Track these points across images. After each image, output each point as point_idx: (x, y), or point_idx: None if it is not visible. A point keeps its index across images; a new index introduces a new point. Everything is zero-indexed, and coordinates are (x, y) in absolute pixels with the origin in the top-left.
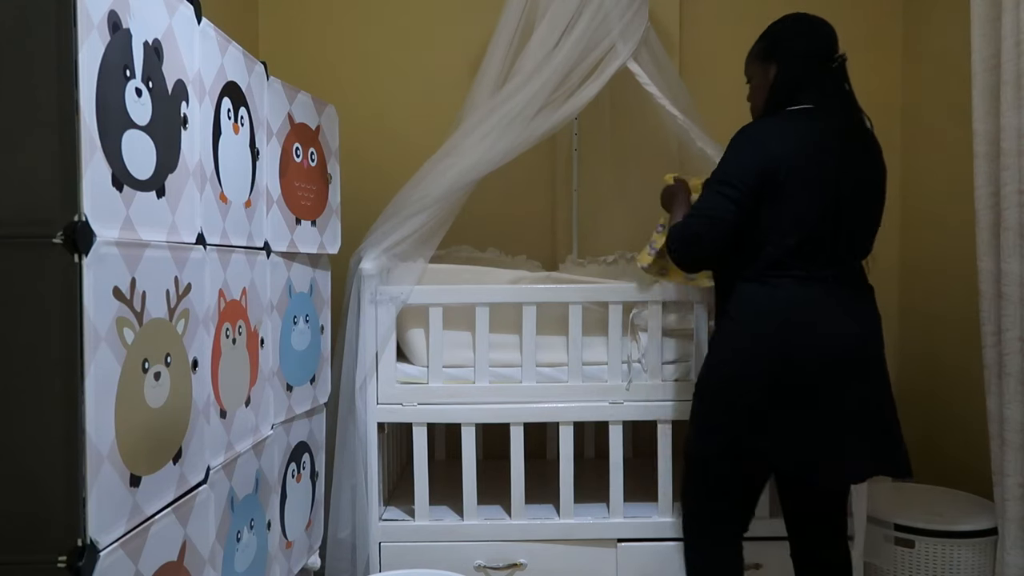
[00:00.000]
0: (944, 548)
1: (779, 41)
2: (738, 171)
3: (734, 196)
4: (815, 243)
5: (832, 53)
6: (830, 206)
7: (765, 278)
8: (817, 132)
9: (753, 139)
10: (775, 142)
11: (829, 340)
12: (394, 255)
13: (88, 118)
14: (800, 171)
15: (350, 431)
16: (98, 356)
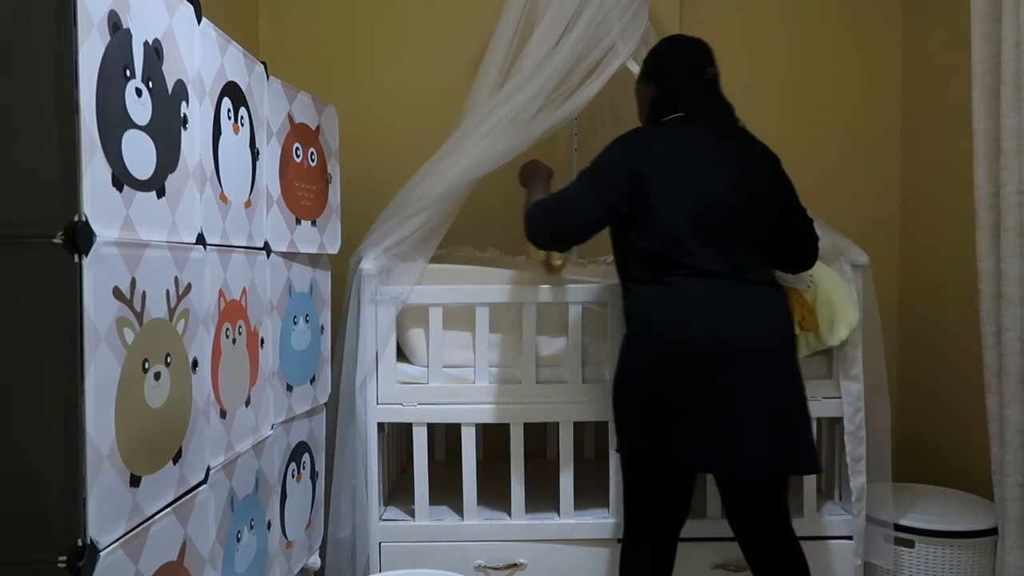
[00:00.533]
0: (944, 548)
1: (653, 63)
2: (605, 169)
3: (598, 187)
4: (692, 243)
5: (703, 68)
6: (702, 207)
7: (650, 278)
8: (684, 139)
9: (623, 143)
10: (643, 148)
11: (712, 336)
12: (394, 255)
13: (88, 118)
14: (667, 174)
15: (350, 431)
16: (98, 356)
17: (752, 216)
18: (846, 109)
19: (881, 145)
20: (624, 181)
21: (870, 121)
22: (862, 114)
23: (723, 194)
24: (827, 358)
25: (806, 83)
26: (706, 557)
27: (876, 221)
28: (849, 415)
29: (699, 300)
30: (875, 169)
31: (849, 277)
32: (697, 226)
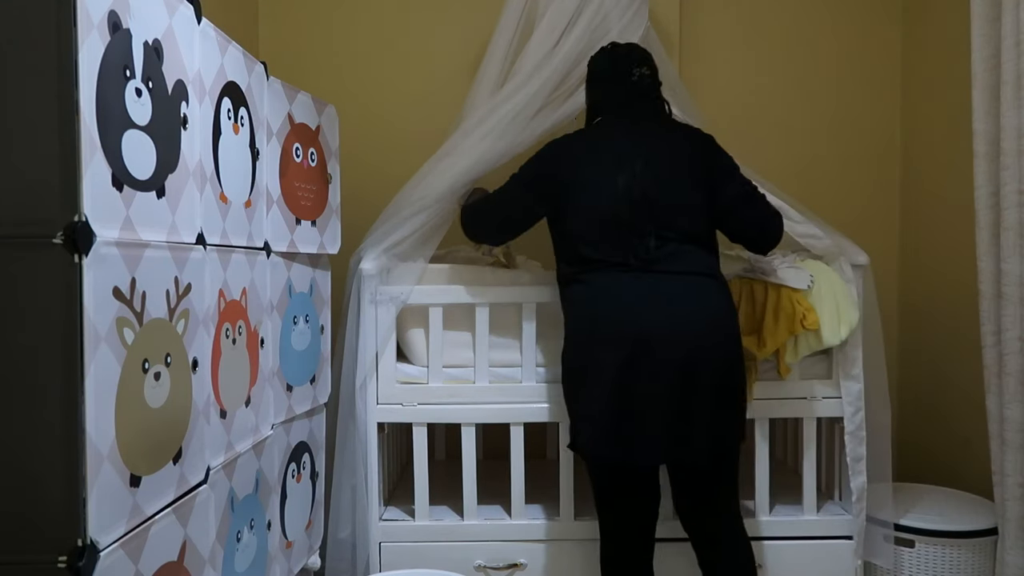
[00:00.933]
0: (944, 548)
1: (589, 72)
2: (527, 173)
3: (517, 190)
4: (606, 239)
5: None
6: (615, 203)
7: (581, 274)
8: (599, 138)
9: (547, 148)
10: (561, 151)
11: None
12: (394, 255)
13: (88, 118)
14: (581, 174)
15: (350, 431)
16: (98, 356)
17: (672, 206)
18: (846, 109)
19: (881, 145)
20: (542, 184)
21: (870, 121)
22: (862, 114)
23: (636, 188)
24: (827, 358)
25: (806, 83)
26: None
27: (876, 221)
28: (849, 415)
29: (611, 295)
30: (875, 169)
31: (849, 277)
32: (611, 222)
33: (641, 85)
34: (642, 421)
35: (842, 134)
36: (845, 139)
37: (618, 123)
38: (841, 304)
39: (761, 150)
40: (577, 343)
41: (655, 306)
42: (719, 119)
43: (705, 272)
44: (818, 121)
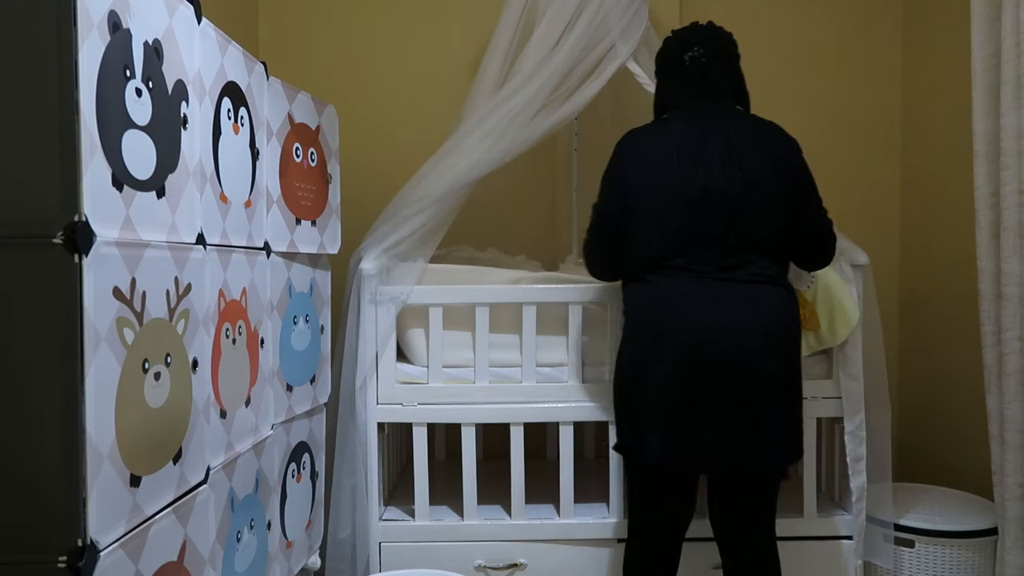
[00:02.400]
0: (944, 548)
1: (659, 56)
2: (605, 188)
3: (604, 213)
4: (682, 245)
5: (682, 54)
6: (683, 205)
7: (646, 277)
8: (669, 136)
9: (615, 153)
10: (629, 153)
11: (695, 334)
12: (394, 255)
13: (88, 118)
14: (651, 177)
15: (350, 431)
16: (98, 356)
17: (750, 212)
18: (846, 109)
19: (881, 145)
20: (616, 192)
21: (870, 121)
22: (862, 114)
23: (707, 189)
24: (827, 358)
25: (806, 83)
26: (706, 557)
27: (876, 221)
28: (849, 415)
29: (674, 299)
30: (875, 169)
31: (849, 277)
32: (679, 224)
33: (694, 69)
34: (712, 428)
35: (842, 134)
36: (845, 139)
37: (681, 117)
38: (841, 304)
39: None
40: (640, 346)
41: (723, 312)
42: None
43: (773, 280)
44: (818, 121)
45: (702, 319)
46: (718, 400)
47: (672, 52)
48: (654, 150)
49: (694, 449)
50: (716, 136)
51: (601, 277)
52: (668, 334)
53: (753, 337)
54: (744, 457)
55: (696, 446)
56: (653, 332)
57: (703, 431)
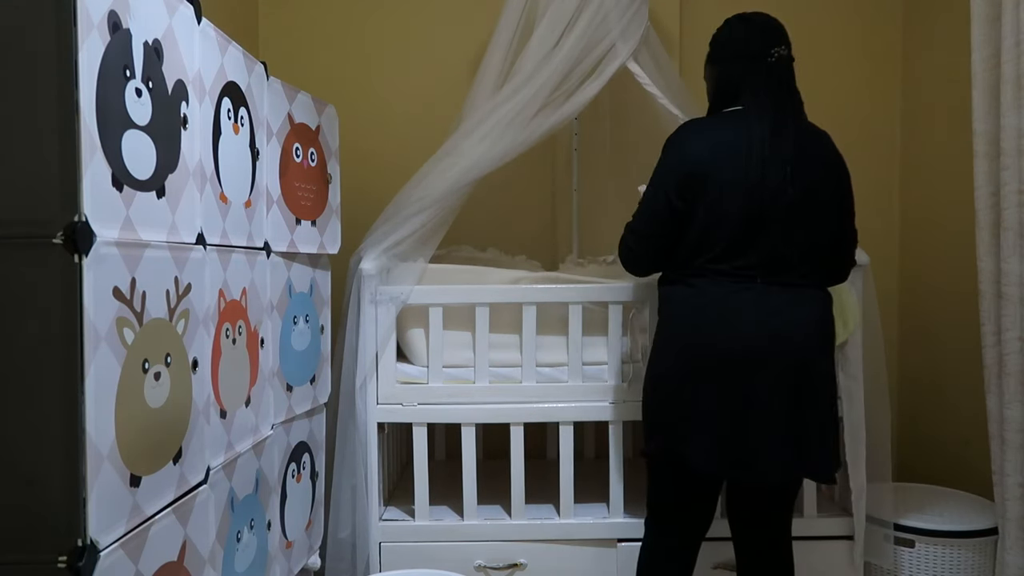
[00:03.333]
0: (944, 548)
1: (715, 45)
2: (661, 178)
3: (659, 205)
4: (739, 246)
5: (768, 50)
6: (753, 209)
7: (689, 279)
8: (739, 135)
9: (675, 144)
10: (694, 145)
11: (746, 340)
12: (394, 255)
13: (88, 118)
14: (718, 174)
15: (350, 431)
16: (98, 356)
17: (805, 217)
18: (846, 109)
19: (881, 145)
20: (675, 186)
21: (870, 121)
22: (862, 114)
23: (776, 194)
24: None
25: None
26: (706, 557)
27: (876, 221)
28: (849, 415)
29: (725, 304)
30: (875, 169)
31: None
32: (743, 227)
33: (779, 68)
34: (765, 436)
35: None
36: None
37: (754, 115)
38: (842, 304)
39: None
40: (681, 353)
41: (774, 317)
42: None
43: (818, 285)
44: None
45: (753, 324)
46: (770, 408)
47: (753, 43)
48: (732, 144)
49: (746, 458)
50: (789, 139)
51: (642, 270)
52: (718, 339)
53: (805, 343)
54: (798, 467)
55: (748, 455)
56: (701, 338)
57: (755, 440)
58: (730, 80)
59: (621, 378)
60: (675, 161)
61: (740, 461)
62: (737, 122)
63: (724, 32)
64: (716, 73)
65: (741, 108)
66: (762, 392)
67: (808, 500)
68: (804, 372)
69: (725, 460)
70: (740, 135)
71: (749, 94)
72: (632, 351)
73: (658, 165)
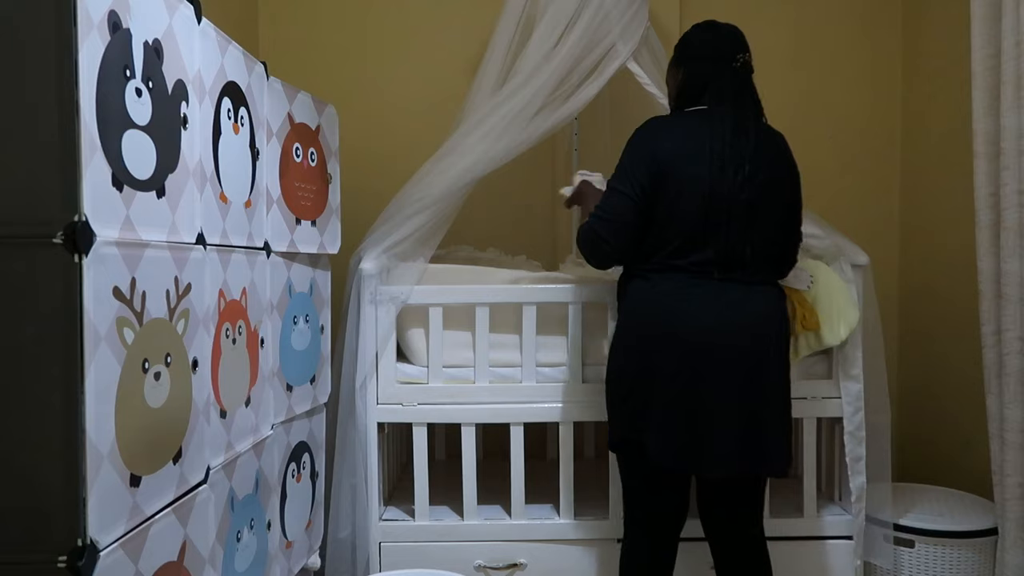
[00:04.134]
0: (944, 548)
1: (682, 47)
2: (631, 169)
3: (630, 194)
4: (696, 242)
5: (734, 55)
6: (712, 205)
7: (646, 274)
8: (703, 132)
9: (643, 137)
10: (660, 141)
11: (700, 334)
12: (394, 255)
13: (88, 118)
14: (681, 170)
15: (350, 431)
16: (98, 356)
17: (761, 216)
18: (846, 109)
19: (881, 145)
20: (644, 177)
21: (870, 121)
22: (862, 114)
23: (734, 192)
24: (827, 358)
25: (806, 83)
26: (704, 557)
27: (876, 221)
28: (849, 415)
29: (680, 297)
30: (875, 169)
31: (849, 277)
32: (702, 223)
33: (743, 73)
34: (719, 430)
35: (842, 134)
36: (845, 139)
37: (723, 114)
38: (841, 304)
39: None
40: (643, 345)
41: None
42: None
43: (770, 282)
44: (818, 121)
45: (709, 317)
46: (723, 401)
47: (722, 48)
48: (695, 141)
49: (698, 450)
50: (750, 140)
51: (609, 261)
52: (675, 333)
53: (758, 337)
54: (751, 460)
55: (700, 447)
56: (658, 330)
57: (707, 431)
58: (695, 81)
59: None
60: (643, 152)
61: (693, 452)
62: (700, 121)
63: (692, 35)
64: (681, 74)
65: (704, 108)
66: (715, 385)
67: (808, 500)
68: (757, 366)
69: (680, 451)
70: (703, 133)
71: (714, 95)
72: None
73: (625, 156)
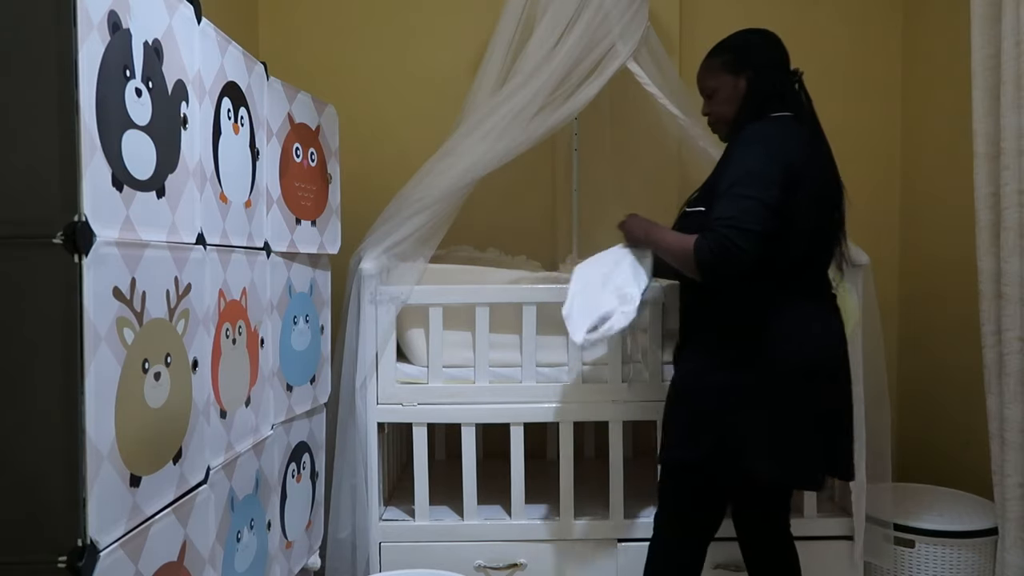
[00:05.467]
0: (944, 548)
1: (749, 52)
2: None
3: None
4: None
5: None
6: (833, 214)
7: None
8: (811, 138)
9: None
10: (791, 145)
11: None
12: (394, 255)
13: (88, 118)
14: (812, 178)
15: (350, 431)
16: (98, 356)
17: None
18: (846, 109)
19: (881, 145)
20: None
21: (870, 121)
22: (862, 114)
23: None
24: None
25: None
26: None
27: (876, 221)
28: None
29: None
30: (875, 169)
31: (849, 277)
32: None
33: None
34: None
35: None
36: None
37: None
38: (842, 304)
39: None
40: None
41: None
42: None
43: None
44: None
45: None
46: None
47: (784, 58)
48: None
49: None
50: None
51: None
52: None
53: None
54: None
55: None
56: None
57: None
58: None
59: (622, 378)
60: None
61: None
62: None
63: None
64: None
65: (791, 115)
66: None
67: (808, 500)
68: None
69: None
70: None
71: (794, 102)
72: (632, 351)
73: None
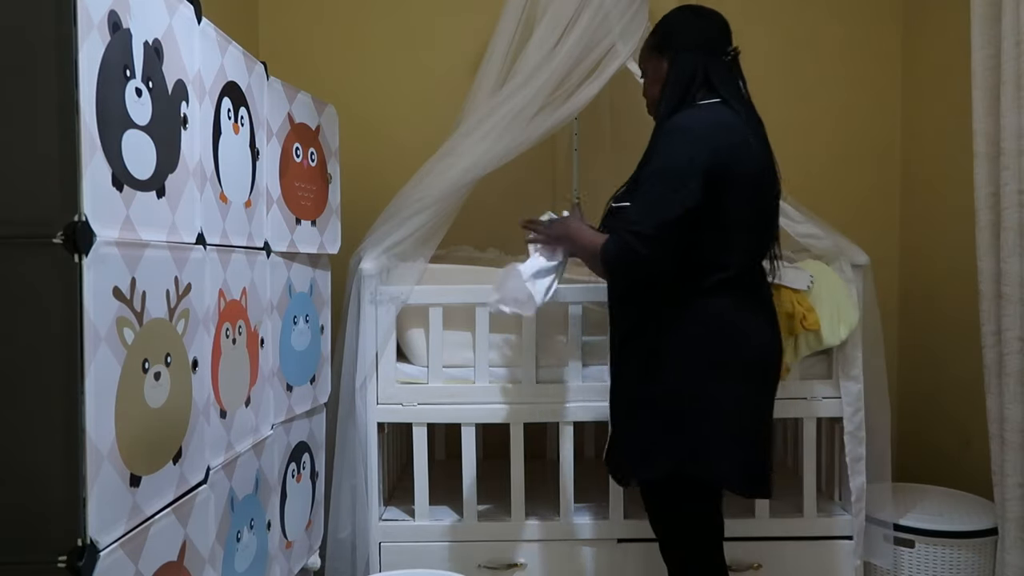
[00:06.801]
0: (944, 548)
1: (672, 32)
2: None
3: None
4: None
5: (726, 46)
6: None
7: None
8: (741, 125)
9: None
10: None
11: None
12: (394, 255)
13: (88, 118)
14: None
15: (350, 431)
16: (98, 356)
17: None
18: (846, 109)
19: (881, 145)
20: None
21: (870, 121)
22: (862, 114)
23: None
24: (827, 358)
25: (806, 83)
26: None
27: (876, 221)
28: (849, 415)
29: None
30: (875, 169)
31: (849, 277)
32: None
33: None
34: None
35: (842, 134)
36: (845, 139)
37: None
38: (841, 304)
39: None
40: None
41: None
42: None
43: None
44: (818, 121)
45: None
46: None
47: (715, 38)
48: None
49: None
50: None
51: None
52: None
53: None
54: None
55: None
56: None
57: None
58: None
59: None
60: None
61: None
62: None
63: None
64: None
65: (720, 100)
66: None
67: (808, 500)
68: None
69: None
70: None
71: (723, 86)
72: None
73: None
